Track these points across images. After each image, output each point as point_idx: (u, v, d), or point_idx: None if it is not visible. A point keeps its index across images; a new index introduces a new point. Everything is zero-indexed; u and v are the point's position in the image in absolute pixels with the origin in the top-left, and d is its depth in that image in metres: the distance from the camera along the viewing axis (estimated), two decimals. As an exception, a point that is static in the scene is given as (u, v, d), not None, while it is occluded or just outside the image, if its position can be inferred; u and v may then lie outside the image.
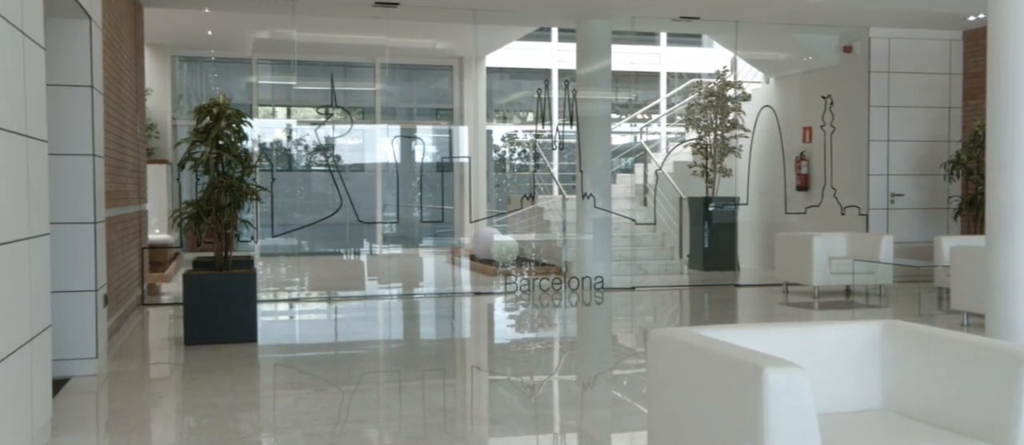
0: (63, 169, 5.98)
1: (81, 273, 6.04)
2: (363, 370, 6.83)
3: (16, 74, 4.04)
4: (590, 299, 10.60)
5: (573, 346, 8.20)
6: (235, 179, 7.57)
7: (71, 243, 6.01)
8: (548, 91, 12.16)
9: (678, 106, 15.44)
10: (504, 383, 6.42)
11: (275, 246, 14.65)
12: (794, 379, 2.68)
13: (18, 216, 4.01)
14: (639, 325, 9.34)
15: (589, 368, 7.08)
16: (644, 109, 16.62)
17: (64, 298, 6.00)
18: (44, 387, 4.45)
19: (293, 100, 17.67)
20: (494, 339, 8.59)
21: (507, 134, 17.22)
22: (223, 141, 7.49)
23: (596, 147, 11.33)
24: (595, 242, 11.36)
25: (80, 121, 6.03)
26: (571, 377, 6.83)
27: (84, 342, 6.06)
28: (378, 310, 9.97)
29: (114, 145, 7.89)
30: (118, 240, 8.02)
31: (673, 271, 13.05)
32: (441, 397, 5.97)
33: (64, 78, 6.00)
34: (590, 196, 11.13)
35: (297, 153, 17.45)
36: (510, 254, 13.38)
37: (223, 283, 7.41)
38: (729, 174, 13.60)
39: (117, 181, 8.13)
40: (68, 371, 6.04)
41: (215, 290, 7.37)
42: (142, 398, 5.77)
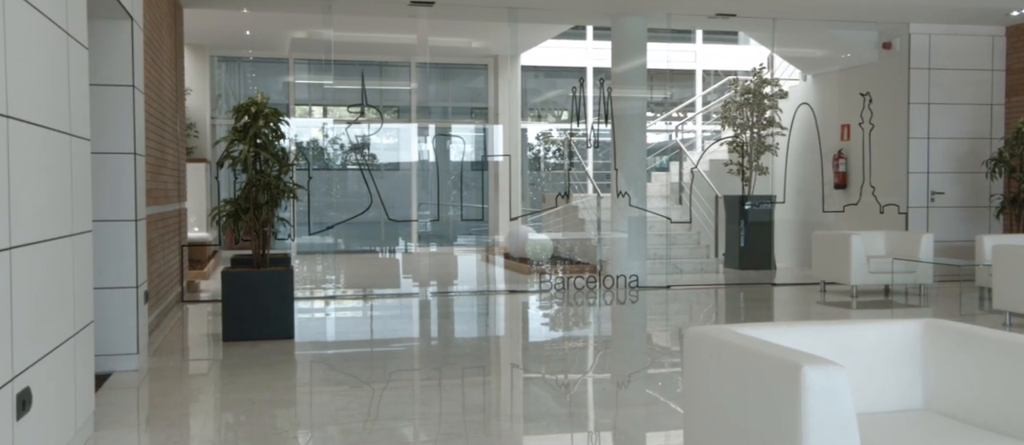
0: (105, 167, 6.08)
1: (123, 270, 6.14)
2: (398, 367, 6.87)
3: (60, 74, 4.11)
4: (625, 297, 10.56)
5: (608, 344, 8.18)
6: (272, 177, 7.65)
7: (113, 240, 6.11)
8: (583, 89, 12.12)
9: (714, 104, 15.33)
10: (539, 381, 6.42)
11: (311, 244, 14.79)
12: (833, 378, 2.65)
13: (61, 213, 4.08)
14: (674, 324, 9.29)
15: (624, 366, 7.05)
16: (679, 107, 16.52)
17: (106, 294, 6.09)
18: (87, 382, 4.53)
19: (329, 99, 17.81)
20: (528, 337, 8.59)
21: (541, 133, 17.22)
22: (261, 140, 7.57)
23: (631, 145, 11.28)
24: (630, 240, 11.32)
25: (122, 120, 6.12)
26: (606, 376, 6.81)
27: (126, 338, 6.16)
28: (413, 308, 10.02)
29: (154, 144, 8.00)
30: (158, 238, 8.14)
31: (708, 270, 12.97)
32: (476, 395, 5.98)
33: (106, 78, 6.09)
34: (625, 194, 11.09)
35: (333, 152, 17.59)
36: (545, 252, 13.37)
37: (260, 280, 7.49)
38: (765, 172, 13.47)
39: (157, 179, 8.25)
40: (110, 366, 6.13)
41: (252, 287, 7.45)
42: (182, 393, 5.84)
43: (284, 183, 7.93)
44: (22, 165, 3.46)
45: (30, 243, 3.56)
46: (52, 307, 3.90)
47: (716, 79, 16.70)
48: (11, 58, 3.35)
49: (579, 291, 10.82)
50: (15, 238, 3.35)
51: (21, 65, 3.48)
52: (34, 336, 3.59)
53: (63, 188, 4.11)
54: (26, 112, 3.53)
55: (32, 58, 3.66)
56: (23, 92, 3.50)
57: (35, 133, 3.66)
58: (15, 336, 3.32)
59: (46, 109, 3.85)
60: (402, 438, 4.76)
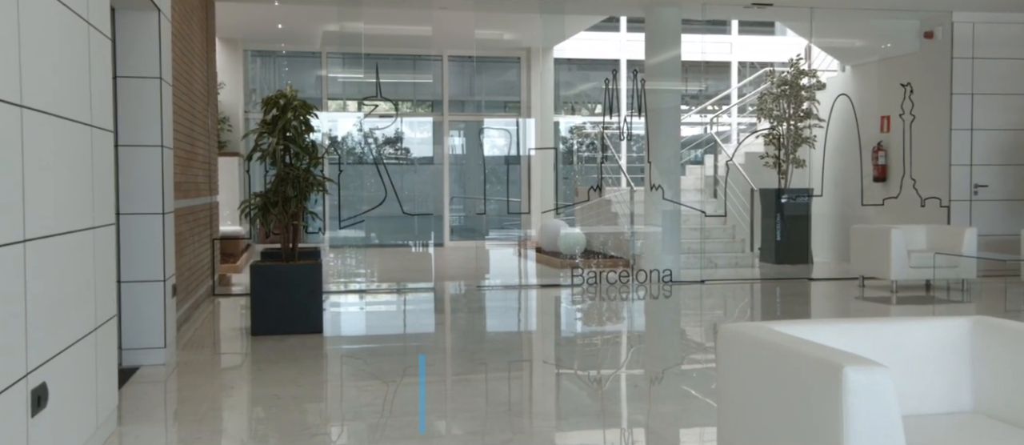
0: (132, 160, 6.03)
1: (150, 263, 6.09)
2: (428, 362, 6.76)
3: (81, 64, 4.04)
4: (658, 292, 10.38)
5: (640, 340, 8.02)
6: (301, 171, 7.58)
7: (140, 233, 6.06)
8: (616, 81, 11.92)
9: (750, 95, 15.06)
10: (571, 377, 6.28)
11: (345, 237, 14.76)
12: (876, 379, 2.49)
13: (82, 206, 4.01)
14: (708, 319, 9.10)
15: (657, 363, 6.89)
16: (714, 99, 16.25)
17: (133, 288, 6.05)
18: (110, 376, 4.47)
19: (363, 93, 17.78)
20: (561, 332, 8.45)
21: (574, 126, 17.05)
22: (290, 133, 7.50)
23: (665, 138, 11.08)
24: (663, 234, 11.12)
25: (149, 112, 6.07)
26: (639, 371, 6.65)
27: (153, 332, 6.11)
28: (444, 302, 9.92)
29: (184, 137, 7.97)
30: (188, 231, 8.11)
31: (744, 264, 12.73)
32: (506, 391, 5.86)
33: (133, 70, 6.04)
34: (659, 188, 10.90)
35: (364, 146, 17.55)
36: (577, 246, 13.21)
37: (289, 274, 7.42)
38: (802, 165, 13.19)
39: (187, 173, 8.22)
40: (138, 360, 6.09)
41: (281, 281, 7.38)
42: (209, 388, 5.78)
43: (313, 176, 7.86)
44: (38, 156, 3.38)
45: (47, 235, 3.49)
46: (71, 301, 3.83)
47: (751, 71, 16.41)
48: (26, 47, 3.27)
49: (612, 286, 10.65)
50: (30, 230, 3.28)
51: (37, 54, 3.41)
52: (51, 331, 3.52)
53: (83, 180, 4.05)
54: (43, 102, 3.45)
55: (49, 47, 3.58)
56: (39, 82, 3.43)
57: (52, 123, 3.58)
58: (30, 331, 3.24)
59: (65, 99, 3.78)
60: (430, 434, 4.65)
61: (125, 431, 4.61)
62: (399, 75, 17.81)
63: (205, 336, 7.62)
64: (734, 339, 3.13)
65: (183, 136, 7.94)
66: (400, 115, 17.55)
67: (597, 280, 10.73)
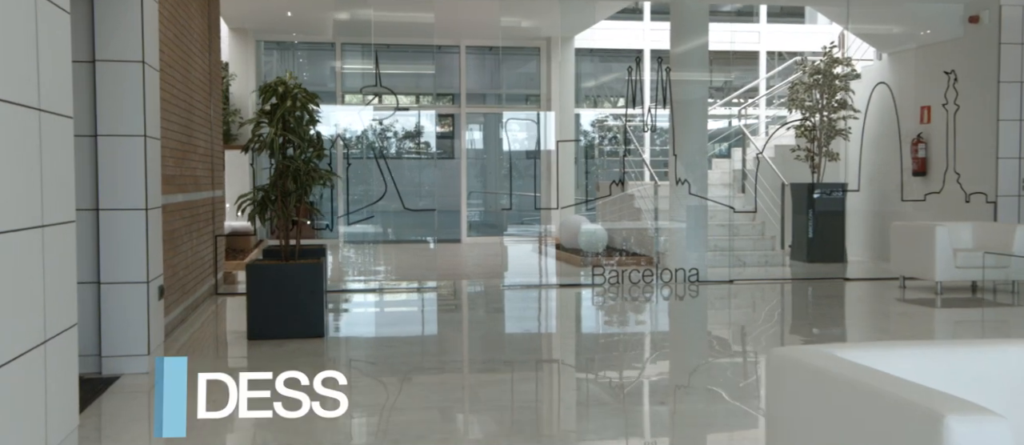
0: (112, 151, 5.50)
1: (131, 263, 5.56)
2: (436, 369, 6.19)
3: (24, 39, 3.49)
4: (684, 292, 9.77)
5: (668, 346, 7.41)
6: (302, 163, 7.03)
7: (120, 231, 5.53)
8: (639, 72, 11.27)
9: (780, 86, 14.35)
10: (591, 381, 5.69)
11: (359, 233, 14.23)
12: (989, 430, 1.88)
13: (25, 201, 3.47)
14: (739, 322, 8.47)
15: (682, 368, 6.28)
16: (741, 90, 15.57)
17: (114, 290, 5.53)
18: (66, 393, 3.93)
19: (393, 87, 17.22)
20: (581, 335, 7.85)
21: (596, 120, 16.44)
22: (290, 122, 6.95)
23: (691, 130, 10.44)
24: (689, 231, 10.49)
25: (130, 99, 5.54)
26: (663, 377, 6.04)
27: (135, 337, 5.58)
28: (456, 302, 9.36)
29: (179, 128, 7.44)
30: (184, 227, 7.59)
31: (774, 263, 12.06)
32: (521, 398, 5.28)
33: (114, 53, 5.51)
34: (685, 182, 10.26)
35: (375, 139, 17.02)
36: (598, 243, 12.60)
37: (289, 274, 6.87)
38: (836, 158, 12.50)
39: (185, 166, 7.70)
40: (119, 368, 5.57)
41: (280, 282, 6.84)
42: (191, 400, 5.23)
43: (316, 169, 7.32)
44: (-45, 142, 2.84)
45: (-31, 237, 2.94)
46: (10, 310, 3.29)
47: (780, 61, 15.71)
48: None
49: (635, 285, 10.03)
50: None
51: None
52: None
53: (27, 172, 3.50)
54: (-37, 79, 2.90)
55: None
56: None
57: (-21, 105, 3.04)
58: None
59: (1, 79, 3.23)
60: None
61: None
62: (414, 66, 17.26)
63: (200, 340, 7.09)
64: (790, 367, 2.52)
65: (178, 127, 7.41)
66: (416, 108, 17.00)
67: (619, 279, 10.11)
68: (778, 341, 7.46)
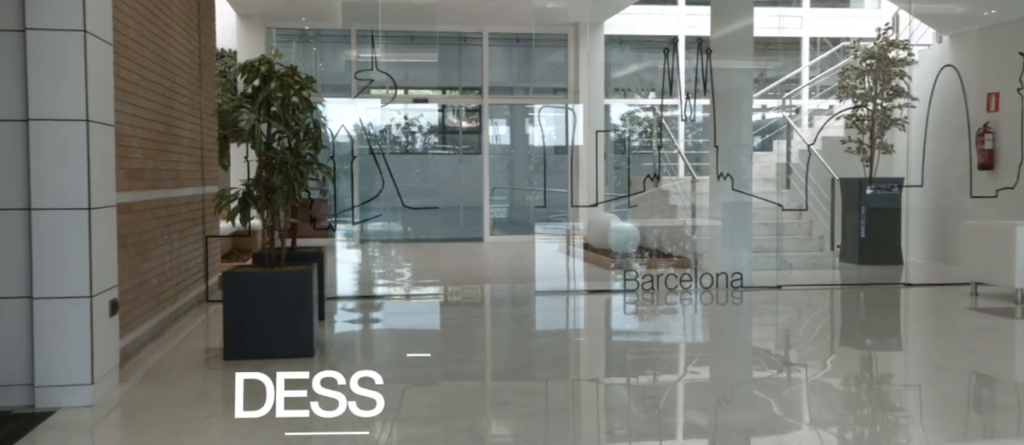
0: (45, 139, 4.48)
1: (71, 274, 4.54)
2: (429, 404, 5.12)
3: None
4: (726, 299, 8.63)
5: (706, 358, 6.27)
6: (290, 155, 5.99)
7: (57, 235, 4.52)
8: (675, 58, 10.08)
9: (829, 71, 13.11)
10: (624, 411, 4.59)
11: (377, 232, 13.20)
12: None
13: None
14: (793, 334, 7.31)
15: (726, 386, 5.16)
16: (782, 79, 14.35)
17: (48, 307, 4.52)
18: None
19: (409, 78, 16.20)
20: (610, 348, 6.73)
21: (626, 113, 15.32)
22: (275, 107, 5.91)
23: (735, 121, 9.28)
24: (731, 231, 9.33)
25: (68, 77, 4.52)
26: (704, 396, 4.93)
27: (76, 364, 4.57)
28: (471, 311, 8.28)
29: (155, 115, 6.43)
30: (160, 228, 6.58)
31: (822, 265, 10.86)
32: (552, 427, 4.20)
33: (47, 20, 4.49)
34: (727, 177, 9.11)
35: (400, 134, 16.04)
36: (630, 243, 11.49)
37: (273, 283, 5.83)
38: (891, 150, 11.27)
39: (163, 159, 6.69)
40: (55, 401, 4.56)
41: (262, 292, 5.80)
42: (137, 442, 4.21)
43: (307, 162, 6.28)
44: None
45: None
46: None
47: (823, 48, 14.48)
48: None
49: (671, 291, 8.90)
50: None
51: None
52: None
53: None
54: None
55: None
56: None
57: None
58: None
59: None
60: None
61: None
62: (430, 56, 16.22)
63: (172, 360, 6.05)
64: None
65: (152, 114, 6.40)
66: (439, 99, 15.93)
67: (654, 285, 8.98)
68: (856, 364, 6.32)
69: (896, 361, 6.49)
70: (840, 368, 6.20)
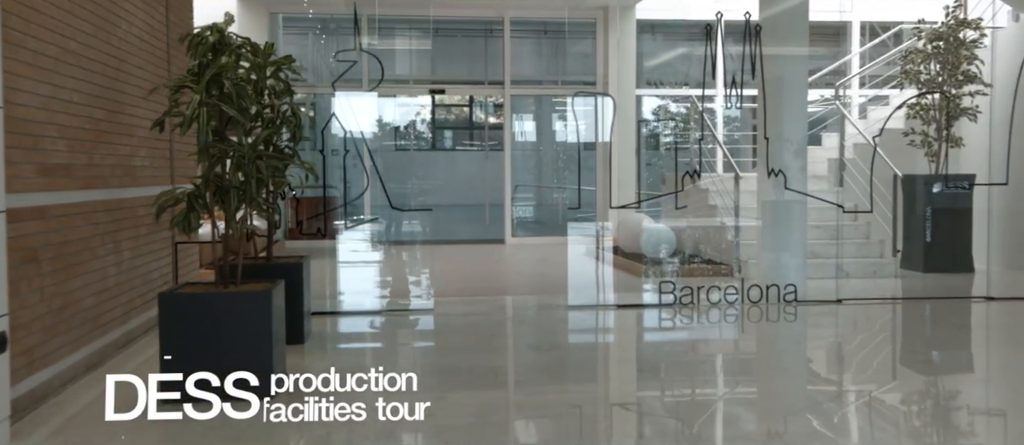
0: None
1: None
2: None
3: None
4: (778, 315, 7.27)
5: (759, 395, 4.92)
6: (249, 149, 4.73)
7: None
8: (714, 41, 8.64)
9: (882, 59, 11.61)
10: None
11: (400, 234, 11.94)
12: None
13: None
14: (875, 368, 5.92)
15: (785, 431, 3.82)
16: (826, 69, 12.87)
17: None
18: None
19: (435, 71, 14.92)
20: (639, 380, 5.40)
21: (661, 104, 13.94)
22: (226, 88, 4.64)
23: (788, 112, 7.88)
24: (783, 235, 7.94)
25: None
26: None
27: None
28: (489, 323, 6.96)
29: (89, 99, 5.20)
30: (99, 237, 5.35)
31: (883, 273, 9.41)
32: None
33: None
34: (779, 173, 7.71)
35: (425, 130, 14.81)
36: (663, 246, 10.15)
37: (222, 307, 4.57)
38: (959, 144, 9.79)
39: (104, 152, 5.46)
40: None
41: (207, 319, 4.54)
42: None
43: (274, 156, 5.03)
44: None
45: None
46: None
47: (872, 35, 12.98)
48: None
49: (714, 306, 7.54)
50: None
51: None
52: None
53: None
54: None
55: None
56: None
57: None
58: None
59: None
60: None
61: None
62: (452, 45, 14.95)
63: (99, 405, 4.79)
64: None
65: (87, 97, 5.18)
66: (455, 92, 14.64)
67: (694, 298, 7.61)
68: (963, 412, 4.93)
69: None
70: (953, 424, 4.82)
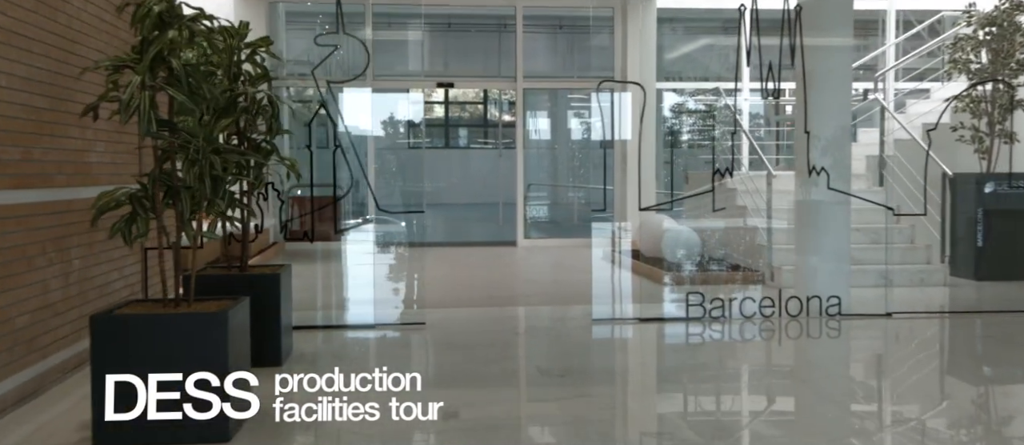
0: None
1: None
2: None
3: None
4: (820, 331, 6.38)
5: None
6: (204, 142, 3.90)
7: None
8: (746, 31, 7.71)
9: (933, 44, 10.65)
10: None
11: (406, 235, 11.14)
12: None
13: None
14: (962, 403, 5.02)
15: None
16: (865, 59, 11.95)
17: None
18: None
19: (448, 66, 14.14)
20: (660, 411, 4.53)
21: (681, 101, 13.08)
22: (175, 68, 3.81)
23: (831, 106, 6.97)
24: (825, 240, 7.03)
25: None
26: None
27: None
28: (494, 342, 6.10)
29: (23, 84, 4.39)
30: (39, 245, 4.55)
31: (931, 281, 8.48)
32: None
33: None
34: (821, 171, 6.81)
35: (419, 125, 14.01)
36: (687, 250, 9.28)
37: (164, 333, 3.74)
38: (1014, 139, 8.86)
39: (44, 147, 4.66)
40: None
41: (147, 346, 3.71)
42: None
43: (234, 150, 4.22)
44: None
45: None
46: None
47: (906, 26, 12.06)
48: None
49: (748, 319, 6.65)
50: None
51: None
52: None
53: None
54: None
55: None
56: None
57: None
58: None
59: None
60: None
61: None
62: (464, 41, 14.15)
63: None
64: None
65: (22, 82, 4.37)
66: (465, 86, 13.81)
67: (725, 311, 6.72)
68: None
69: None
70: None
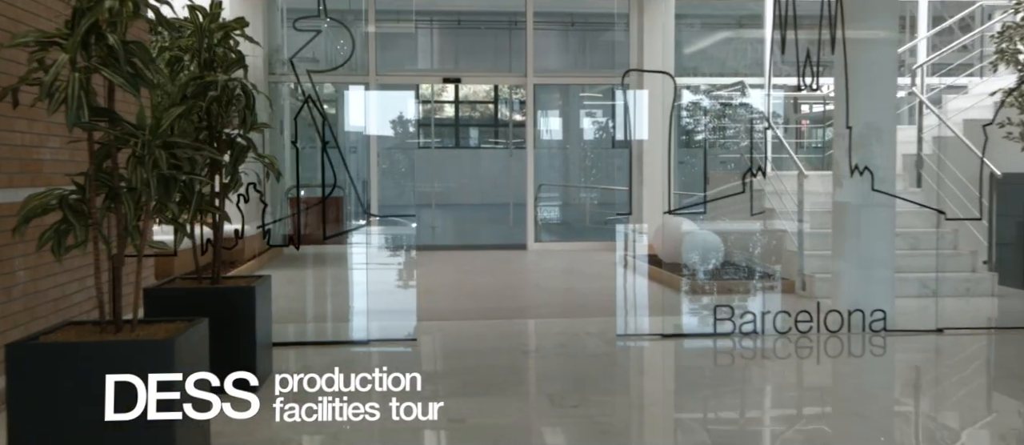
0: None
1: None
2: None
3: None
4: (863, 349, 5.67)
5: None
6: (149, 135, 3.24)
7: None
8: (782, 18, 6.96)
9: (972, 35, 9.90)
10: None
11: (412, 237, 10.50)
12: None
13: None
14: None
15: None
16: (903, 48, 11.19)
17: None
18: None
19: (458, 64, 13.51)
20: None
21: (699, 97, 12.38)
22: (112, 43, 3.14)
23: (874, 100, 6.26)
24: (867, 247, 6.31)
25: None
26: None
27: None
28: (497, 366, 5.41)
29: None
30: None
31: (978, 291, 7.74)
32: None
33: None
34: (864, 171, 6.09)
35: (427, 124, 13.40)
36: (709, 256, 8.59)
37: (95, 365, 3.07)
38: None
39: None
40: None
41: (74, 382, 3.04)
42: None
43: (195, 144, 3.56)
44: None
45: None
46: None
47: (937, 21, 11.30)
48: None
49: (783, 336, 5.94)
50: None
51: None
52: None
53: None
54: None
55: None
56: None
57: None
58: None
59: None
60: None
61: None
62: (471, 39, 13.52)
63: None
64: None
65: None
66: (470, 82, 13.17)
67: (758, 327, 6.01)
68: None
69: None
70: None
